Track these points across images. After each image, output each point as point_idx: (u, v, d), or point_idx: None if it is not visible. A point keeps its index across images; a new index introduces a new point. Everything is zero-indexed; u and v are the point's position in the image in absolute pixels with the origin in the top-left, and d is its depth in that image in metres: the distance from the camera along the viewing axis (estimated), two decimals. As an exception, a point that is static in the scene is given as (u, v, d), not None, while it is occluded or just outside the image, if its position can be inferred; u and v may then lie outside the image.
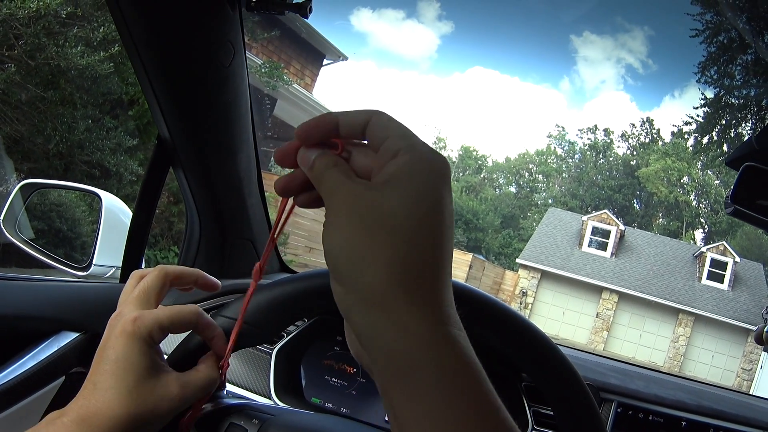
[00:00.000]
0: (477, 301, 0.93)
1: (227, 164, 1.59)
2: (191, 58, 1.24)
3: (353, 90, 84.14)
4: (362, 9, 60.80)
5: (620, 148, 62.03)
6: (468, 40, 61.58)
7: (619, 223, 35.46)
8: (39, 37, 7.63)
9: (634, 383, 1.72)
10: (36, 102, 8.00)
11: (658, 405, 1.67)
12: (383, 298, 0.57)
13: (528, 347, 0.92)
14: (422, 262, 0.59)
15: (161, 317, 0.85)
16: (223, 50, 1.28)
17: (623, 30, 57.49)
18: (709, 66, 16.64)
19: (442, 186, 0.62)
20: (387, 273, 0.57)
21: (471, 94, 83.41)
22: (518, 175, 64.50)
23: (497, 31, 60.28)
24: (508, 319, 0.92)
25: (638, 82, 63.08)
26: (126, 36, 1.22)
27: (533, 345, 0.92)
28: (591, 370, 1.73)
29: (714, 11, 15.72)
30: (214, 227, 1.80)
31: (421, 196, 0.60)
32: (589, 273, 32.64)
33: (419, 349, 0.56)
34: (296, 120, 17.03)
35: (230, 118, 1.49)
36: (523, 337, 0.92)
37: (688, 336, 30.98)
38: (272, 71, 13.41)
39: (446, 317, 0.60)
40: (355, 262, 0.58)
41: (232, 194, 1.70)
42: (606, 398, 1.65)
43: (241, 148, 1.57)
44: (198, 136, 1.50)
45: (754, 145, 1.30)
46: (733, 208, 1.27)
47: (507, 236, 53.07)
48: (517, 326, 0.92)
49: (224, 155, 1.55)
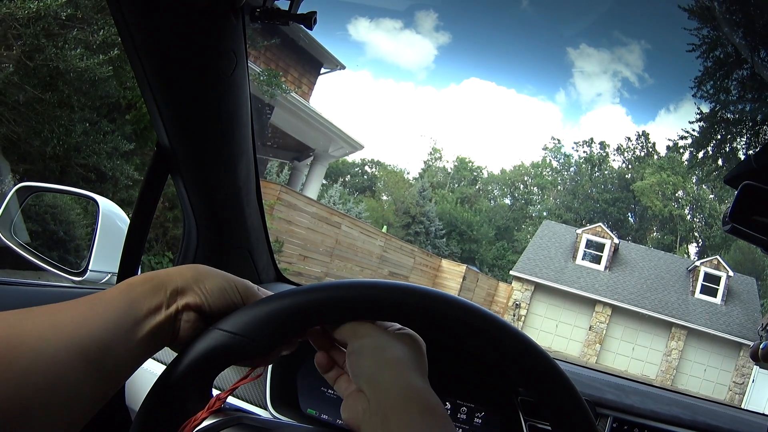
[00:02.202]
0: (472, 315, 0.93)
1: (226, 174, 1.59)
2: (193, 67, 1.24)
3: (350, 99, 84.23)
4: (360, 18, 60.76)
5: (616, 162, 62.43)
6: (465, 51, 61.56)
7: (613, 236, 35.54)
8: (38, 38, 7.65)
9: (630, 398, 1.71)
10: (34, 103, 8.01)
11: (654, 420, 1.66)
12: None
13: (525, 362, 0.91)
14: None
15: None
16: (225, 59, 1.28)
17: (620, 43, 57.55)
18: (706, 81, 16.71)
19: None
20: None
21: (467, 106, 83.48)
22: (513, 187, 64.75)
23: (494, 42, 60.27)
24: (504, 334, 0.92)
25: (634, 96, 63.13)
26: (128, 42, 1.22)
27: (530, 360, 0.92)
28: (587, 385, 1.73)
29: (711, 26, 15.79)
30: (212, 236, 1.79)
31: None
32: (582, 286, 32.69)
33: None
34: (293, 128, 17.08)
35: (231, 128, 1.48)
36: (519, 351, 0.91)
37: (681, 350, 31.06)
38: (271, 79, 13.44)
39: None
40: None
41: (231, 204, 1.69)
42: (602, 413, 1.64)
43: (240, 158, 1.57)
44: (198, 145, 1.50)
45: (752, 164, 1.30)
46: (731, 226, 1.28)
47: (501, 248, 53.21)
48: (513, 340, 0.92)
49: (224, 165, 1.54)
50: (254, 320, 0.92)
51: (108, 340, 0.81)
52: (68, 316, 0.80)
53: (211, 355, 0.91)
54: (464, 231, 50.39)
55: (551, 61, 58.18)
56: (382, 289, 0.95)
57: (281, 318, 0.93)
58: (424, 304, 0.94)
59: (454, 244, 49.03)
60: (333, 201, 34.95)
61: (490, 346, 0.92)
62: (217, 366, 0.94)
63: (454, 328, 0.93)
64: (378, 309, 0.94)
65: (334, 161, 29.81)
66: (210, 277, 0.96)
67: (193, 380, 0.92)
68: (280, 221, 16.21)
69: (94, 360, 0.79)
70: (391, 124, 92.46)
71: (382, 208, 46.74)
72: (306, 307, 0.94)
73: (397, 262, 24.77)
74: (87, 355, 0.78)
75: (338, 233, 19.95)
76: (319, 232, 18.76)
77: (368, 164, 59.82)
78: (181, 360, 0.91)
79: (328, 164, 23.44)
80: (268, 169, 25.82)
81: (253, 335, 0.91)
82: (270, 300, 0.95)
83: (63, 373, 0.75)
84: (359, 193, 52.68)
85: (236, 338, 0.91)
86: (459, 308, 0.93)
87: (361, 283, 0.96)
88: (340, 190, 40.37)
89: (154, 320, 0.87)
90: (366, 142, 30.90)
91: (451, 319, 0.93)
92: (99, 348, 0.79)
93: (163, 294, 0.89)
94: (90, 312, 0.82)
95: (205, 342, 0.91)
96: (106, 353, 0.80)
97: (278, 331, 0.93)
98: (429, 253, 30.80)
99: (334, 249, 19.80)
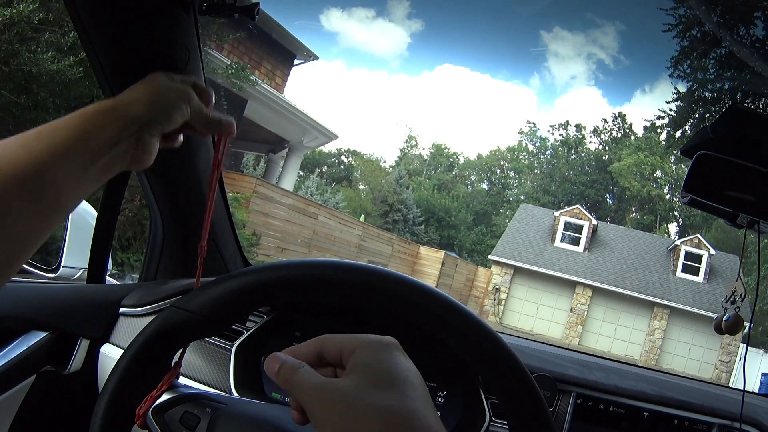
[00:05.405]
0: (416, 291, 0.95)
1: (185, 165, 1.60)
2: (147, 62, 1.23)
3: (324, 90, 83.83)
4: (332, 9, 60.39)
5: (592, 144, 62.35)
6: (438, 37, 61.29)
7: (591, 218, 35.53)
8: (12, 43, 7.62)
9: (593, 374, 1.70)
10: (10, 107, 7.96)
11: (619, 396, 1.66)
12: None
13: (468, 338, 0.93)
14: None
15: None
16: (178, 53, 1.29)
17: (594, 26, 57.58)
18: (682, 60, 16.59)
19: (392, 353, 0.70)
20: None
21: (441, 92, 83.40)
22: (490, 172, 64.64)
23: (467, 28, 60.41)
24: (447, 311, 0.94)
25: (609, 78, 63.07)
26: (85, 41, 1.24)
27: (473, 335, 0.93)
28: (548, 361, 1.72)
29: (687, 5, 15.72)
30: (177, 228, 1.81)
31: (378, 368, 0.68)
32: (562, 268, 32.70)
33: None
34: (267, 120, 17.00)
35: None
36: (462, 327, 0.93)
37: (664, 329, 31.09)
38: (238, 72, 13.36)
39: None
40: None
41: (192, 195, 1.70)
42: (564, 389, 1.64)
43: (199, 147, 1.58)
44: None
45: (709, 134, 1.32)
46: (689, 198, 1.30)
47: (479, 233, 53.13)
48: (456, 316, 0.93)
49: (181, 156, 1.54)
50: (209, 299, 0.94)
51: (51, 172, 0.79)
52: (12, 146, 0.78)
53: (168, 332, 0.94)
54: (442, 217, 50.29)
55: (525, 45, 58.06)
56: (330, 267, 0.97)
57: (235, 296, 0.95)
58: (366, 279, 0.96)
59: (433, 230, 48.91)
60: (310, 192, 34.83)
61: (432, 322, 0.95)
62: (174, 343, 0.96)
63: (402, 306, 0.95)
64: (328, 286, 0.97)
65: (309, 152, 29.70)
66: (165, 98, 0.96)
67: (151, 357, 0.95)
68: (257, 214, 16.14)
69: (36, 191, 0.78)
70: (366, 113, 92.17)
71: (359, 197, 46.54)
72: (259, 285, 0.96)
73: (375, 250, 24.72)
74: (27, 186, 0.77)
75: (315, 224, 19.91)
76: (297, 223, 18.73)
77: (344, 154, 59.54)
78: (139, 338, 0.94)
79: (304, 155, 23.36)
80: (244, 163, 25.72)
81: (208, 313, 0.94)
82: (225, 279, 0.97)
83: (2, 204, 0.74)
84: (336, 183, 52.32)
85: (192, 316, 0.94)
86: (402, 284, 0.96)
87: (314, 263, 0.99)
88: (316, 180, 40.31)
89: (111, 151, 0.86)
90: (341, 132, 30.73)
91: (405, 300, 0.96)
92: (40, 179, 0.78)
93: (120, 123, 0.88)
94: (35, 142, 0.80)
95: (162, 319, 0.93)
96: (48, 185, 0.79)
97: (233, 309, 0.96)
98: (407, 240, 30.76)
99: (311, 240, 19.76)
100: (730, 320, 1.56)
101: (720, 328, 1.58)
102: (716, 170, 1.28)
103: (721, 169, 1.28)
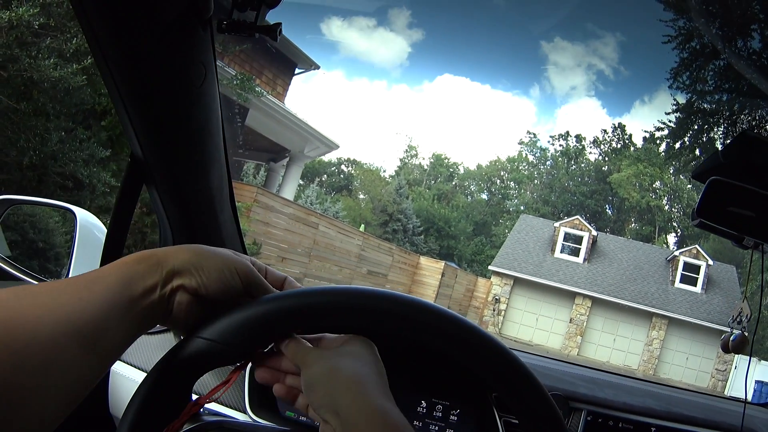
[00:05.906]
0: (437, 317, 0.95)
1: (199, 182, 1.60)
2: (163, 79, 1.24)
3: (324, 99, 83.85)
4: (333, 18, 60.40)
5: (592, 154, 62.57)
6: (439, 47, 61.28)
7: (591, 228, 35.61)
8: (11, 48, 7.55)
9: (603, 392, 1.74)
10: (9, 114, 7.92)
11: (628, 413, 1.69)
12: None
13: (488, 360, 0.93)
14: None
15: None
16: (194, 71, 1.29)
17: (595, 36, 57.62)
18: (682, 72, 16.60)
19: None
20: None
21: (442, 102, 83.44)
22: (490, 183, 64.78)
23: (467, 38, 60.20)
24: (469, 335, 0.93)
25: (609, 88, 63.00)
26: (98, 55, 1.22)
27: (493, 358, 0.93)
28: (560, 380, 1.75)
29: (687, 17, 15.73)
30: (188, 243, 1.78)
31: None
32: (561, 279, 32.77)
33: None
34: (268, 129, 17.00)
35: (202, 137, 1.49)
36: (482, 350, 0.93)
37: (662, 339, 31.18)
38: (244, 83, 13.35)
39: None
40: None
41: (205, 211, 1.70)
42: (576, 407, 1.67)
43: (213, 165, 1.57)
44: (170, 155, 1.50)
45: (719, 159, 1.34)
46: (699, 221, 1.32)
47: (479, 243, 53.21)
48: (476, 340, 0.93)
49: (196, 173, 1.55)
50: (230, 326, 0.93)
51: (104, 321, 0.81)
52: (65, 296, 0.80)
53: (190, 362, 0.92)
54: (442, 227, 50.40)
55: (525, 56, 58.18)
56: (359, 296, 0.96)
57: (259, 324, 0.94)
58: (396, 309, 0.95)
59: (432, 240, 49.01)
60: (310, 201, 34.87)
61: (453, 346, 0.95)
62: (195, 373, 0.95)
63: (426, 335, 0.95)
64: (352, 313, 0.95)
65: (310, 161, 29.68)
66: (208, 259, 0.96)
67: (172, 388, 0.94)
68: (258, 223, 16.18)
69: (90, 340, 0.79)
70: (367, 123, 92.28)
71: (359, 206, 46.55)
72: (284, 312, 0.95)
73: (375, 260, 24.76)
74: (83, 336, 0.78)
75: (316, 233, 19.91)
76: (297, 233, 18.74)
77: (344, 163, 59.68)
78: (161, 367, 0.93)
79: (304, 164, 23.30)
80: (245, 171, 25.73)
81: (231, 341, 0.93)
82: (248, 306, 0.96)
83: (59, 353, 0.75)
84: (336, 193, 52.44)
85: (214, 345, 0.92)
86: (432, 314, 0.95)
87: (338, 290, 0.98)
88: (316, 190, 40.34)
89: (148, 300, 0.88)
90: (342, 142, 30.72)
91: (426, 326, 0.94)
92: (95, 328, 0.80)
93: (159, 274, 0.90)
94: (86, 292, 0.82)
95: (185, 350, 0.92)
96: (101, 334, 0.81)
97: (256, 336, 0.95)
98: (407, 250, 30.77)
99: (312, 249, 19.77)
100: (737, 340, 1.60)
101: (727, 347, 1.62)
102: (727, 195, 1.29)
103: (731, 193, 1.29)
